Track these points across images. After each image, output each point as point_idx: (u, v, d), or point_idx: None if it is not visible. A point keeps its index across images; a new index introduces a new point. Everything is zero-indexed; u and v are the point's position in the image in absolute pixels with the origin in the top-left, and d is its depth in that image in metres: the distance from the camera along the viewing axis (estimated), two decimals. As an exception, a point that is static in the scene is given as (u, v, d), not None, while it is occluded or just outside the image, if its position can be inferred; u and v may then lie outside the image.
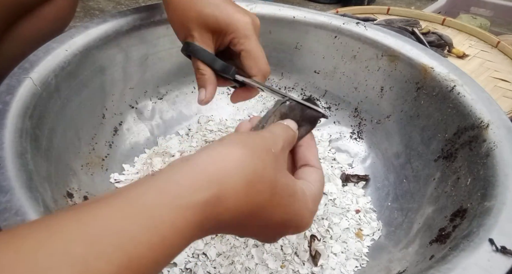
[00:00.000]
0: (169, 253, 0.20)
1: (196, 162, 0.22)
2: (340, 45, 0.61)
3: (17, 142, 0.37)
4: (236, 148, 0.23)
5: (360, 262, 0.48)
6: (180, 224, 0.20)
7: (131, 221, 0.18)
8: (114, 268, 0.17)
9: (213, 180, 0.21)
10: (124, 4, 1.30)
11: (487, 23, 1.12)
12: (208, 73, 0.42)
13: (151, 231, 0.19)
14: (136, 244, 0.18)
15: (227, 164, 0.22)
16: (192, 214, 0.20)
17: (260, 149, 0.25)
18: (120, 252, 0.18)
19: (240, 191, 0.22)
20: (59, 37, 0.49)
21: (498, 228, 0.34)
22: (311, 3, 1.45)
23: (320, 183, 0.31)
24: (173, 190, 0.20)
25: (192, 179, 0.21)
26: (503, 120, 0.45)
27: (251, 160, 0.23)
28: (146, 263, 0.18)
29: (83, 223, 0.18)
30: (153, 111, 0.62)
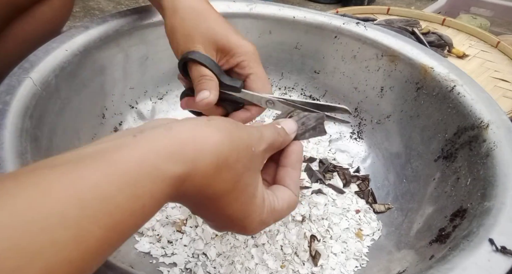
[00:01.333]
0: (146, 217, 0.22)
1: (178, 134, 0.23)
2: (340, 45, 0.61)
3: (17, 142, 0.37)
4: (219, 133, 0.24)
5: (360, 262, 0.48)
6: (157, 194, 0.21)
7: (117, 189, 0.20)
8: (103, 231, 0.19)
9: (189, 158, 0.23)
10: (124, 4, 1.30)
11: (487, 23, 1.12)
12: (215, 80, 0.40)
13: (134, 200, 0.20)
14: (122, 211, 0.20)
15: (205, 145, 0.24)
16: (167, 185, 0.22)
17: (241, 143, 0.26)
18: (108, 218, 0.19)
19: (208, 173, 0.24)
20: (59, 37, 0.49)
21: (498, 228, 0.34)
22: (311, 3, 1.45)
23: (287, 204, 0.31)
24: (153, 161, 0.21)
25: (170, 152, 0.22)
26: (503, 120, 0.45)
27: (227, 149, 0.24)
28: (127, 226, 0.20)
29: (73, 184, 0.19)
30: (153, 111, 0.62)
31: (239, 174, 0.26)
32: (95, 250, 0.19)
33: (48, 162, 0.20)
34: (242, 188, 0.26)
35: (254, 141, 0.28)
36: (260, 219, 0.29)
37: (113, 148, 0.21)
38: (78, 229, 0.18)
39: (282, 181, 0.32)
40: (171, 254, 0.48)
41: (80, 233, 0.18)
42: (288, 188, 0.32)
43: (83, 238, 0.18)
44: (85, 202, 0.19)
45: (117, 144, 0.22)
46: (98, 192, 0.19)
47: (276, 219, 0.31)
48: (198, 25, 0.41)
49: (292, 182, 0.32)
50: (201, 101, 0.39)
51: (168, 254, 0.48)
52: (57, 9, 0.59)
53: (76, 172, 0.19)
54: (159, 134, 0.23)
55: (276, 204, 0.30)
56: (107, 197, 0.19)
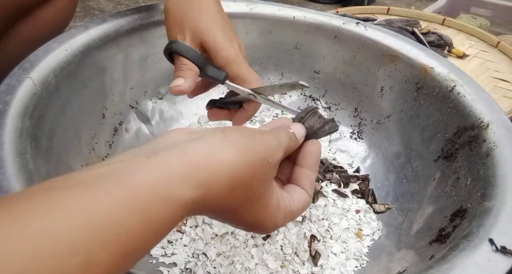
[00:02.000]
0: (157, 241, 0.22)
1: (192, 157, 0.23)
2: (340, 45, 0.61)
3: (17, 142, 0.37)
4: (234, 154, 0.24)
5: (360, 262, 0.48)
6: (170, 219, 0.21)
7: (129, 214, 0.19)
8: (113, 258, 0.19)
9: (203, 182, 0.22)
10: (124, 4, 1.30)
11: (487, 23, 1.12)
12: (194, 70, 0.40)
13: (147, 225, 0.20)
14: (133, 237, 0.19)
15: (220, 169, 0.23)
16: (180, 210, 0.22)
17: (257, 158, 0.25)
18: (119, 244, 0.19)
19: (223, 195, 0.24)
20: (59, 37, 0.49)
21: (498, 228, 0.34)
22: (311, 3, 1.45)
23: (302, 205, 0.31)
24: (167, 185, 0.21)
25: (185, 176, 0.22)
26: (503, 120, 0.45)
27: (242, 169, 0.24)
28: (139, 252, 0.20)
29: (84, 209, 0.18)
30: (153, 111, 0.62)
31: (253, 189, 0.26)
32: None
33: (60, 182, 0.20)
34: (255, 201, 0.26)
35: (271, 152, 0.27)
36: (274, 223, 0.29)
37: (126, 170, 0.21)
38: (87, 255, 0.18)
39: (299, 181, 0.32)
40: (171, 254, 0.48)
41: (88, 259, 0.18)
42: (304, 189, 0.32)
43: (92, 264, 0.18)
44: (96, 228, 0.18)
45: (130, 166, 0.21)
46: (110, 218, 0.19)
47: (292, 219, 0.31)
48: (187, 14, 0.41)
49: (309, 182, 0.32)
50: (174, 87, 0.39)
51: (168, 254, 0.48)
52: (60, 11, 0.59)
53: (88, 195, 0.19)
54: (173, 157, 0.22)
55: (292, 206, 0.30)
56: (119, 223, 0.19)
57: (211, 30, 0.41)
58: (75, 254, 0.17)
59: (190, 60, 0.40)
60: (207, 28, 0.41)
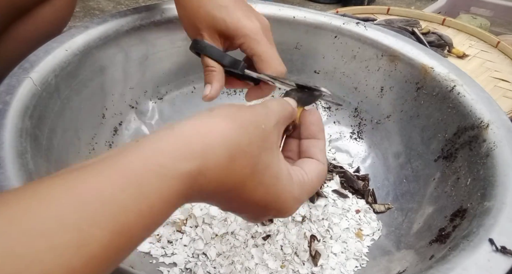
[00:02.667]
0: (157, 219, 0.20)
1: (181, 132, 0.22)
2: (340, 45, 0.61)
3: (17, 142, 0.37)
4: (223, 121, 0.23)
5: (360, 262, 0.48)
6: (166, 193, 0.20)
7: (120, 189, 0.19)
8: (108, 234, 0.18)
9: (196, 153, 0.22)
10: (124, 4, 1.30)
11: (487, 23, 1.12)
12: (217, 70, 0.42)
13: (140, 200, 0.19)
14: (127, 212, 0.19)
15: (211, 136, 0.23)
16: (177, 183, 0.21)
17: (248, 124, 0.25)
18: (112, 220, 0.18)
19: (222, 165, 0.23)
20: (59, 37, 0.49)
21: (498, 228, 0.34)
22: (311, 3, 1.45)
23: (316, 175, 0.30)
24: (158, 159, 0.20)
25: (175, 148, 0.21)
26: (503, 120, 0.45)
27: (236, 135, 0.23)
28: (136, 229, 0.19)
29: (73, 189, 0.18)
30: (153, 111, 0.62)
31: (255, 156, 0.24)
32: (99, 255, 0.18)
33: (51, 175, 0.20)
34: (262, 170, 0.25)
35: (261, 118, 0.26)
36: (292, 196, 0.27)
37: (115, 153, 0.21)
38: (77, 232, 0.17)
39: (307, 152, 0.31)
40: (171, 254, 0.48)
41: (80, 236, 0.17)
42: (314, 159, 0.31)
43: (84, 241, 0.17)
44: (85, 205, 0.18)
45: (120, 150, 0.21)
46: (99, 194, 0.18)
47: (310, 193, 0.30)
48: (198, 12, 0.41)
49: (318, 150, 0.31)
50: (204, 97, 0.42)
51: (168, 254, 0.48)
52: (59, 10, 0.59)
53: (77, 178, 0.19)
54: (162, 135, 0.22)
55: (305, 178, 0.29)
56: (109, 198, 0.18)
57: (222, 17, 0.41)
58: (64, 231, 0.17)
59: (211, 58, 0.42)
60: (218, 17, 0.41)
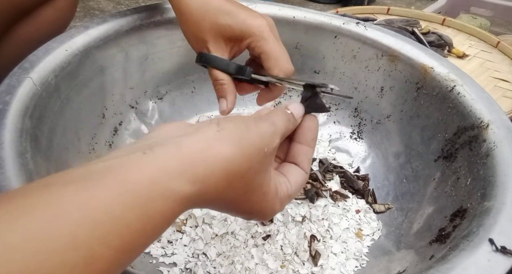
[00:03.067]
0: (156, 237, 0.22)
1: (188, 152, 0.23)
2: (340, 45, 0.61)
3: (17, 142, 0.37)
4: (229, 147, 0.24)
5: (360, 262, 0.48)
6: (168, 214, 0.21)
7: (128, 209, 0.20)
8: (113, 252, 0.19)
9: (199, 177, 0.23)
10: (124, 4, 1.30)
11: (487, 23, 1.12)
12: (227, 82, 0.42)
13: (145, 220, 0.20)
14: (132, 231, 0.20)
15: (215, 163, 0.24)
16: (177, 204, 0.22)
17: (252, 149, 0.26)
18: (118, 239, 0.19)
19: (220, 189, 0.24)
20: (59, 37, 0.49)
21: (498, 228, 0.34)
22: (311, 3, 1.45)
23: (299, 185, 0.32)
24: (164, 181, 0.21)
25: (181, 172, 0.22)
26: (503, 120, 0.45)
27: (238, 162, 0.25)
28: (138, 246, 0.20)
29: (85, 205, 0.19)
30: (153, 111, 0.62)
31: (250, 179, 0.26)
32: (104, 270, 0.19)
33: (59, 178, 0.20)
34: (253, 190, 0.27)
35: (266, 141, 0.27)
36: (272, 210, 0.30)
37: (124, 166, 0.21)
38: (88, 250, 0.18)
39: (296, 158, 0.32)
40: (171, 254, 0.48)
41: (90, 254, 0.18)
42: (300, 167, 0.32)
43: (93, 259, 0.18)
44: (96, 223, 0.18)
45: (127, 162, 0.21)
46: (110, 213, 0.19)
47: (289, 201, 0.32)
48: (202, 24, 0.42)
49: (306, 159, 0.32)
50: (222, 112, 0.43)
51: (168, 254, 0.48)
52: (60, 11, 0.59)
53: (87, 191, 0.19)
54: (169, 153, 0.23)
55: (289, 190, 0.31)
56: (118, 218, 0.19)
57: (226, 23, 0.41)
58: (76, 249, 0.18)
59: (217, 69, 0.42)
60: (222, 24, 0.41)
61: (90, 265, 0.18)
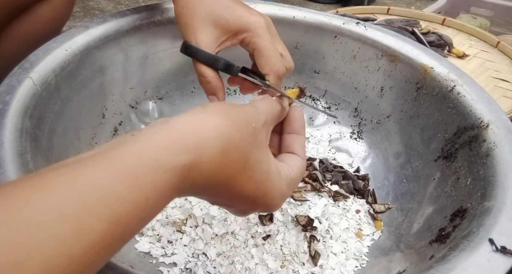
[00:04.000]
0: (152, 211, 0.21)
1: (176, 126, 0.23)
2: (340, 45, 0.61)
3: (17, 142, 0.37)
4: (217, 117, 0.24)
5: (360, 262, 0.48)
6: (161, 185, 0.21)
7: (117, 181, 0.19)
8: (105, 224, 0.18)
9: (190, 146, 0.22)
10: (124, 4, 1.30)
11: (487, 23, 1.12)
12: (214, 80, 0.42)
13: (136, 191, 0.20)
14: (124, 203, 0.19)
15: (205, 131, 0.23)
16: (171, 176, 0.21)
17: (240, 121, 0.25)
18: (109, 210, 0.19)
19: (215, 159, 0.23)
20: (59, 37, 0.49)
21: (498, 228, 0.34)
22: (311, 3, 1.45)
23: (300, 170, 0.31)
24: (153, 153, 0.21)
25: (170, 142, 0.22)
26: (503, 120, 0.45)
27: (229, 131, 0.24)
28: (132, 220, 0.20)
29: (70, 181, 0.19)
30: (153, 111, 0.62)
31: (247, 152, 0.25)
32: (98, 244, 0.18)
33: (49, 167, 0.20)
34: (253, 166, 0.26)
35: (252, 117, 0.27)
36: (280, 192, 0.28)
37: (111, 147, 0.21)
38: (77, 222, 0.18)
39: (290, 147, 0.32)
40: (171, 254, 0.48)
41: (79, 226, 0.18)
42: (296, 154, 0.32)
43: (83, 231, 0.18)
44: (83, 196, 0.18)
45: (115, 144, 0.22)
46: (97, 186, 0.19)
47: (294, 187, 0.31)
48: (196, 13, 0.41)
49: (300, 146, 0.32)
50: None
51: (168, 254, 0.48)
52: (58, 9, 0.59)
53: (74, 171, 0.19)
54: (157, 129, 0.23)
55: (291, 173, 0.30)
56: (107, 190, 0.19)
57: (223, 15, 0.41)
58: (64, 221, 0.17)
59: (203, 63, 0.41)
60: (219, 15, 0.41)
61: (82, 237, 0.18)
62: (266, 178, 0.27)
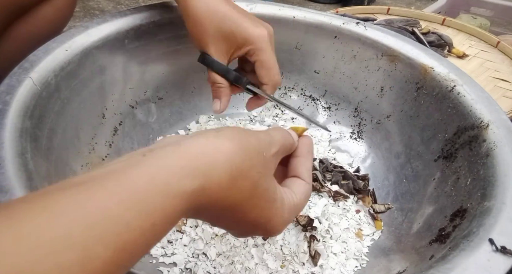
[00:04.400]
0: (157, 236, 0.21)
1: (187, 149, 0.23)
2: (340, 45, 0.61)
3: (17, 142, 0.37)
4: (228, 143, 0.24)
5: (360, 262, 0.48)
6: (169, 211, 0.21)
7: (125, 207, 0.19)
8: (111, 252, 0.18)
9: (201, 171, 0.22)
10: (124, 4, 1.30)
11: (487, 23, 1.12)
12: (225, 86, 0.47)
13: (144, 217, 0.20)
14: (131, 230, 0.19)
15: (216, 157, 0.23)
16: (179, 201, 0.21)
17: (252, 149, 0.26)
18: (116, 237, 0.19)
19: (223, 185, 0.23)
20: (59, 37, 0.49)
21: (498, 228, 0.34)
22: (311, 3, 1.45)
23: (304, 196, 0.31)
24: (163, 177, 0.21)
25: (181, 167, 0.22)
26: (503, 120, 0.45)
27: (239, 158, 0.24)
28: (138, 246, 0.20)
29: (81, 205, 0.18)
30: (153, 111, 0.62)
31: (255, 181, 0.25)
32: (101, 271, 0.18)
33: (59, 185, 0.20)
34: (260, 194, 0.26)
35: (264, 146, 0.27)
36: (282, 219, 0.29)
37: (123, 168, 0.21)
38: (84, 250, 0.17)
39: (295, 171, 0.33)
40: (171, 254, 0.48)
41: (86, 254, 0.18)
42: (301, 178, 0.32)
43: (89, 260, 0.18)
44: (92, 223, 0.18)
45: (126, 164, 0.21)
46: (106, 212, 0.19)
47: (297, 212, 0.31)
48: (207, 27, 0.45)
49: (305, 170, 0.33)
50: (216, 112, 0.48)
51: (168, 254, 0.48)
52: (59, 9, 0.59)
53: (84, 193, 0.19)
54: (168, 151, 0.22)
55: (295, 200, 0.30)
56: (115, 216, 0.19)
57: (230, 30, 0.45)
58: (71, 249, 0.17)
59: (217, 73, 0.47)
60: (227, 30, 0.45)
61: (86, 265, 0.17)
62: (271, 205, 0.27)
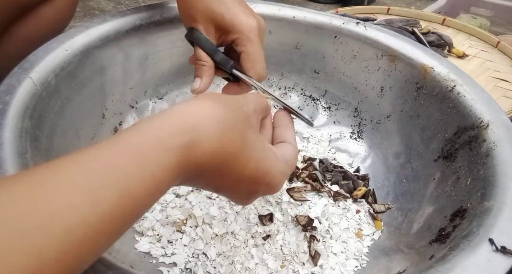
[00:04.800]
0: (159, 187, 0.23)
1: (173, 111, 0.25)
2: (340, 45, 0.61)
3: (17, 142, 0.37)
4: (210, 101, 0.26)
5: (360, 262, 0.48)
6: (165, 163, 0.22)
7: (123, 159, 0.21)
8: (116, 196, 0.20)
9: (188, 127, 0.24)
10: (124, 4, 1.30)
11: (487, 23, 1.12)
12: (208, 65, 0.44)
13: (142, 167, 0.21)
14: (132, 178, 0.21)
15: (201, 113, 0.25)
16: (173, 154, 0.23)
17: (232, 104, 0.27)
18: (119, 184, 0.20)
19: (214, 137, 0.25)
20: (59, 37, 0.49)
21: (498, 228, 0.34)
22: (311, 3, 1.45)
23: (293, 154, 0.33)
24: (154, 133, 0.23)
25: (169, 124, 0.24)
26: (503, 120, 0.45)
27: (223, 112, 0.26)
28: (141, 193, 0.21)
29: (81, 160, 0.21)
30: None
31: (243, 131, 0.27)
32: (110, 214, 0.20)
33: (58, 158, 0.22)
34: (251, 144, 0.27)
35: (242, 102, 0.29)
36: (280, 170, 0.30)
37: (116, 134, 0.23)
38: (90, 193, 0.19)
39: (281, 137, 0.34)
40: (171, 254, 0.48)
41: (92, 197, 0.19)
42: (288, 142, 0.33)
43: (97, 202, 0.19)
44: (94, 172, 0.20)
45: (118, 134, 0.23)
46: (105, 163, 0.21)
47: (292, 168, 0.32)
48: (197, 5, 0.43)
49: (290, 135, 0.34)
50: (193, 91, 0.44)
51: (168, 254, 0.48)
52: (61, 9, 0.59)
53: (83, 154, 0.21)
54: (157, 115, 0.25)
55: (287, 155, 0.32)
56: (115, 166, 0.21)
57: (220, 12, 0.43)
58: (78, 192, 0.19)
59: (204, 51, 0.43)
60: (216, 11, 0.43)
61: (95, 206, 0.19)
62: (264, 156, 0.28)
